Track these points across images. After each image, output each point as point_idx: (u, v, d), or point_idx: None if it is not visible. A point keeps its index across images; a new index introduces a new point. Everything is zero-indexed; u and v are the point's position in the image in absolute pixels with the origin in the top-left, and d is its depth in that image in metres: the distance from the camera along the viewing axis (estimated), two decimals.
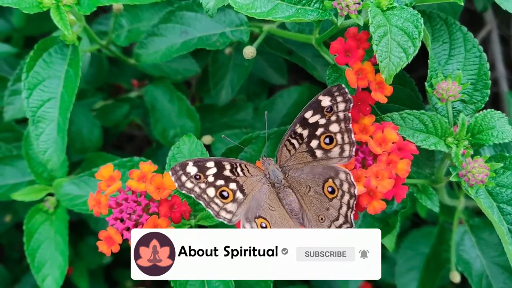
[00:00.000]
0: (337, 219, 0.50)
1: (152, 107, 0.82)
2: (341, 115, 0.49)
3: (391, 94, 0.50)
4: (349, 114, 0.49)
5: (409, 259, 0.87)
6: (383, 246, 0.64)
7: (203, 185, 0.50)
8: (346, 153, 0.49)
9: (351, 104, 0.49)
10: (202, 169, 0.50)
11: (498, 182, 0.50)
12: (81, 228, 0.93)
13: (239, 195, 0.51)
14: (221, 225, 0.61)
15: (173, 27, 0.69)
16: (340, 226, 0.50)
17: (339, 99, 0.49)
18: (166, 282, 0.57)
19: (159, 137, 0.82)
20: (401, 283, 0.86)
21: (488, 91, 0.53)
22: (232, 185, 0.51)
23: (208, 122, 0.86)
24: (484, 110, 0.51)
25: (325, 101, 0.50)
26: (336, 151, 0.50)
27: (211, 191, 0.50)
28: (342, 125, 0.49)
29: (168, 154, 0.59)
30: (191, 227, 0.58)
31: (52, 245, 0.68)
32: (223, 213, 0.50)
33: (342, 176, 0.49)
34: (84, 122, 0.83)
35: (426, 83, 0.53)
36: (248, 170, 0.52)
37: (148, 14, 0.75)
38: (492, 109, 0.50)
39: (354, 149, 0.49)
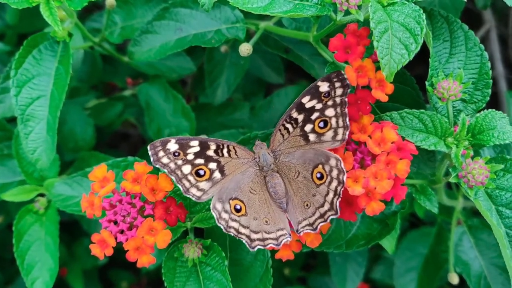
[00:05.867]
0: (322, 205, 0.49)
1: (147, 106, 0.81)
2: (338, 100, 0.49)
3: (392, 93, 0.49)
4: (346, 99, 0.49)
5: (408, 260, 0.87)
6: (381, 247, 0.63)
7: (179, 162, 0.50)
8: (339, 137, 0.49)
9: (349, 89, 0.49)
10: (184, 147, 0.50)
11: (498, 184, 0.49)
12: (76, 229, 0.92)
13: (217, 174, 0.51)
14: (216, 228, 0.60)
15: (168, 24, 0.67)
16: (324, 213, 0.49)
17: (337, 84, 0.49)
18: (162, 283, 0.56)
19: (154, 137, 0.81)
20: (400, 284, 0.85)
21: (489, 91, 0.52)
22: (212, 165, 0.51)
23: (204, 121, 0.85)
24: (485, 110, 0.50)
25: (324, 86, 0.50)
26: (329, 134, 0.50)
27: (186, 169, 0.50)
28: (338, 109, 0.49)
29: None
30: (187, 229, 0.57)
31: (42, 247, 0.66)
32: (193, 190, 0.50)
33: (333, 162, 0.49)
34: (77, 121, 0.82)
35: (426, 82, 0.52)
36: (235, 152, 0.52)
37: (142, 10, 0.73)
38: (493, 109, 0.49)
39: (347, 133, 0.49)
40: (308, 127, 0.50)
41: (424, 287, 0.83)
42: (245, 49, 0.60)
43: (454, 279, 0.69)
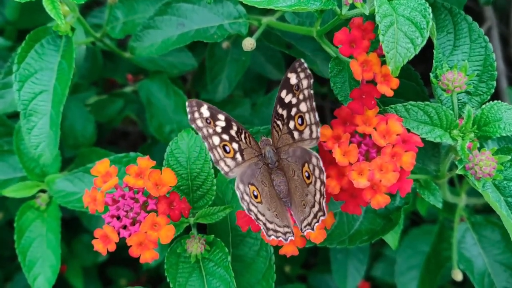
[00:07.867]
0: (313, 206, 0.49)
1: (148, 102, 0.80)
2: (306, 93, 0.48)
3: (397, 88, 0.48)
4: (312, 92, 0.48)
5: (409, 257, 0.86)
6: (383, 244, 0.63)
7: (210, 130, 0.49)
8: (314, 135, 0.48)
9: (312, 80, 0.48)
10: (214, 116, 0.50)
11: (505, 175, 0.49)
12: (75, 226, 0.92)
13: (238, 156, 0.50)
14: (219, 223, 0.59)
15: (170, 19, 0.67)
16: (316, 214, 0.49)
17: (302, 75, 0.48)
18: (162, 281, 0.56)
19: (155, 133, 0.80)
20: (401, 282, 0.85)
21: (494, 83, 0.52)
22: (235, 145, 0.50)
23: None
24: (491, 102, 0.50)
25: (292, 78, 0.48)
26: (307, 132, 0.49)
27: (216, 139, 0.50)
28: (308, 103, 0.48)
29: (163, 150, 0.57)
30: (189, 225, 0.56)
31: (44, 243, 0.66)
32: (222, 164, 0.50)
33: (314, 161, 0.48)
34: (77, 117, 0.81)
35: (431, 74, 0.52)
36: (250, 141, 0.51)
37: (144, 6, 0.73)
38: (499, 101, 0.49)
39: (319, 130, 0.48)
40: (291, 124, 0.49)
41: (425, 285, 0.82)
42: (249, 43, 0.60)
43: (458, 275, 0.69)
